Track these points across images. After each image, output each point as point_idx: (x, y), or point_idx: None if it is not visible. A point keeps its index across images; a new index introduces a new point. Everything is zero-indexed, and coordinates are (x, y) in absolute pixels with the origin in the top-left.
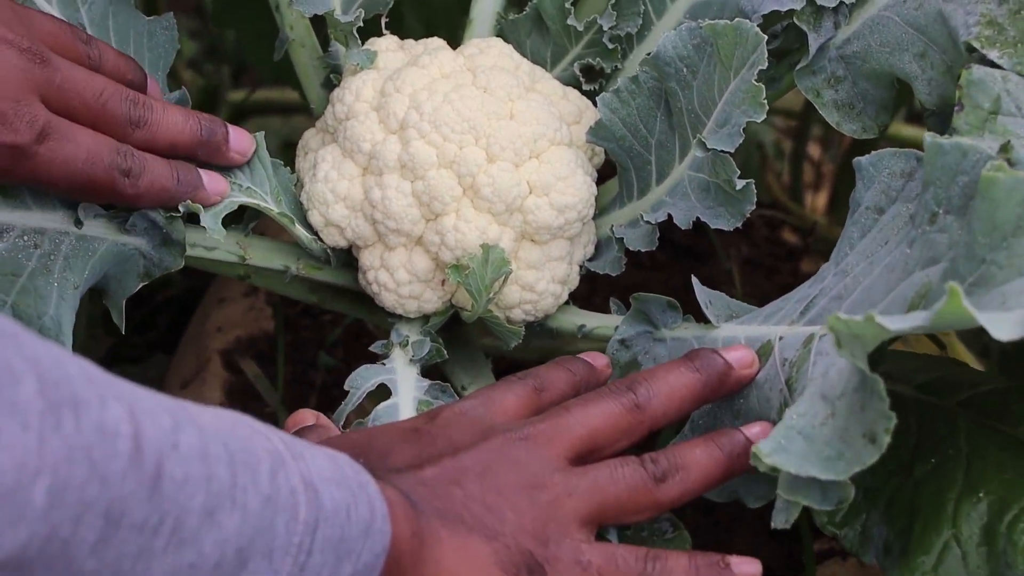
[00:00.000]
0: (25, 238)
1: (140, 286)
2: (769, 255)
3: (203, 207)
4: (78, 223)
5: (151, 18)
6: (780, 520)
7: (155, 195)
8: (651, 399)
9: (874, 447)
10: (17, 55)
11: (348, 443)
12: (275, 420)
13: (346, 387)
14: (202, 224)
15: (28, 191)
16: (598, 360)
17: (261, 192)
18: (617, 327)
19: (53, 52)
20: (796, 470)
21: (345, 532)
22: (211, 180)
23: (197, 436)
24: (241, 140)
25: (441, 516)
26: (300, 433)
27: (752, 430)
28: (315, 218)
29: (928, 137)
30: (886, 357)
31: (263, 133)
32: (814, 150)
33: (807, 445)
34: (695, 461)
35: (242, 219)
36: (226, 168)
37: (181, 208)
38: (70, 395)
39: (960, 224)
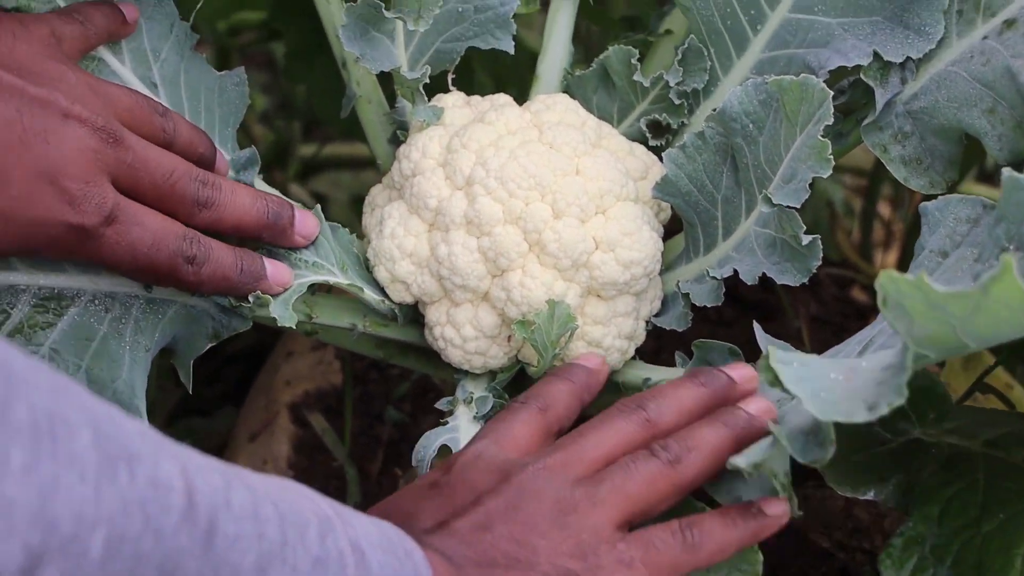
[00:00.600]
0: (96, 302)
1: (208, 347)
2: (838, 313)
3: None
4: (147, 287)
5: (222, 73)
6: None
7: (217, 284)
8: (661, 414)
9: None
10: (90, 135)
11: (377, 511)
12: (342, 474)
13: (414, 463)
14: (272, 314)
15: None
16: (593, 361)
17: (328, 265)
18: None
19: (128, 127)
20: (797, 390)
21: None
22: (275, 270)
23: (248, 496)
24: (306, 224)
25: (476, 565)
26: None
27: (751, 405)
28: (381, 274)
29: (1006, 172)
30: (951, 412)
31: (318, 206)
32: (884, 209)
33: (818, 383)
34: (704, 439)
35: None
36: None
37: (250, 298)
38: (124, 449)
39: None
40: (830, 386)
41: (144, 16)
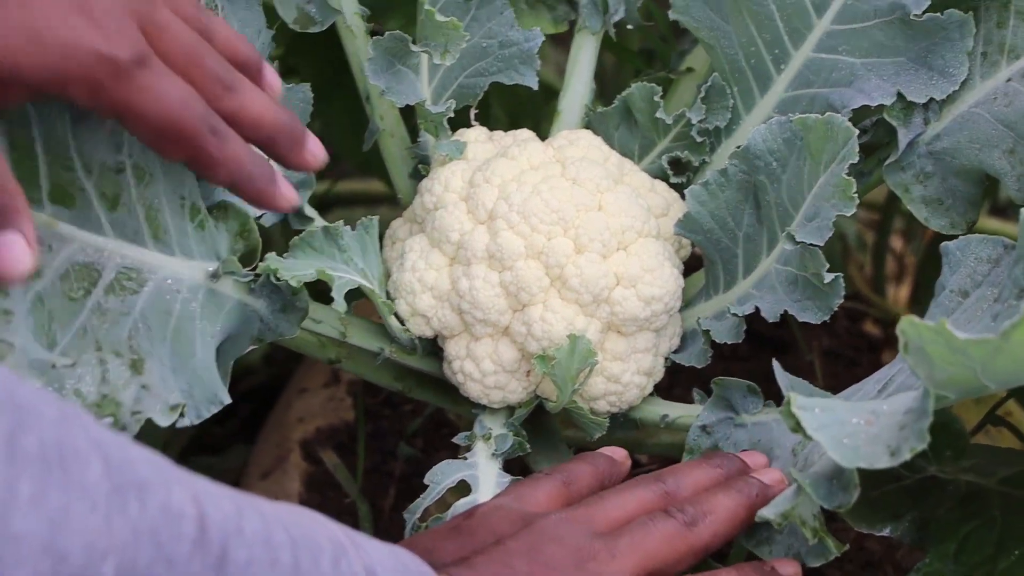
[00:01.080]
0: (169, 282)
1: (250, 348)
2: (850, 347)
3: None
4: (213, 277)
5: (289, 86)
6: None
7: (234, 167)
8: (680, 488)
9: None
10: None
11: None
12: (354, 510)
13: (426, 481)
14: (332, 295)
15: (175, 234)
16: (618, 453)
17: (371, 276)
18: (699, 414)
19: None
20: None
21: None
22: (284, 184)
23: (260, 522)
24: (317, 143)
25: None
26: None
27: (766, 476)
28: (402, 307)
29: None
30: (968, 449)
31: (377, 218)
32: (896, 242)
33: (840, 429)
34: (720, 504)
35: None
36: (302, 175)
37: (255, 212)
38: (135, 478)
39: None
40: (852, 432)
41: (237, 19)
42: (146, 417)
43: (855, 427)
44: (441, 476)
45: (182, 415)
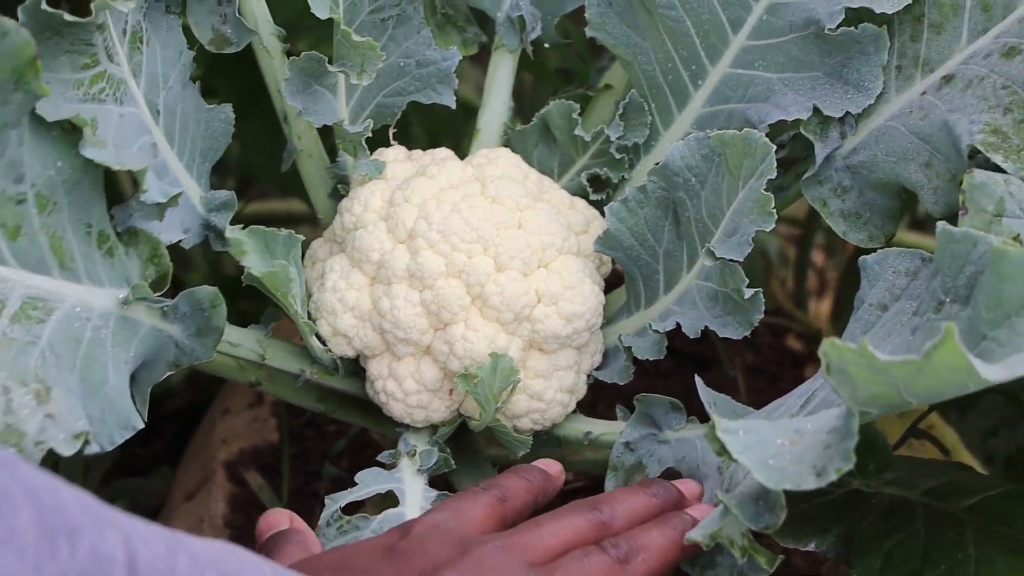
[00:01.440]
0: (78, 310)
1: (167, 375)
2: (773, 362)
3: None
4: (124, 303)
5: (211, 106)
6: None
7: None
8: (615, 517)
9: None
10: None
11: (324, 564)
12: None
13: (356, 479)
14: (248, 265)
15: (82, 261)
16: (552, 468)
17: (296, 295)
18: (622, 431)
19: None
20: (745, 460)
21: None
22: None
23: (192, 563)
24: None
25: None
26: (275, 539)
27: (697, 511)
28: (323, 328)
29: (941, 224)
30: (891, 463)
31: (302, 238)
32: (818, 257)
33: (764, 450)
34: (653, 541)
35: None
36: None
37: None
38: (65, 523)
39: (965, 313)
40: (777, 452)
41: (159, 41)
42: (49, 447)
43: (780, 448)
44: (370, 480)
45: (87, 443)
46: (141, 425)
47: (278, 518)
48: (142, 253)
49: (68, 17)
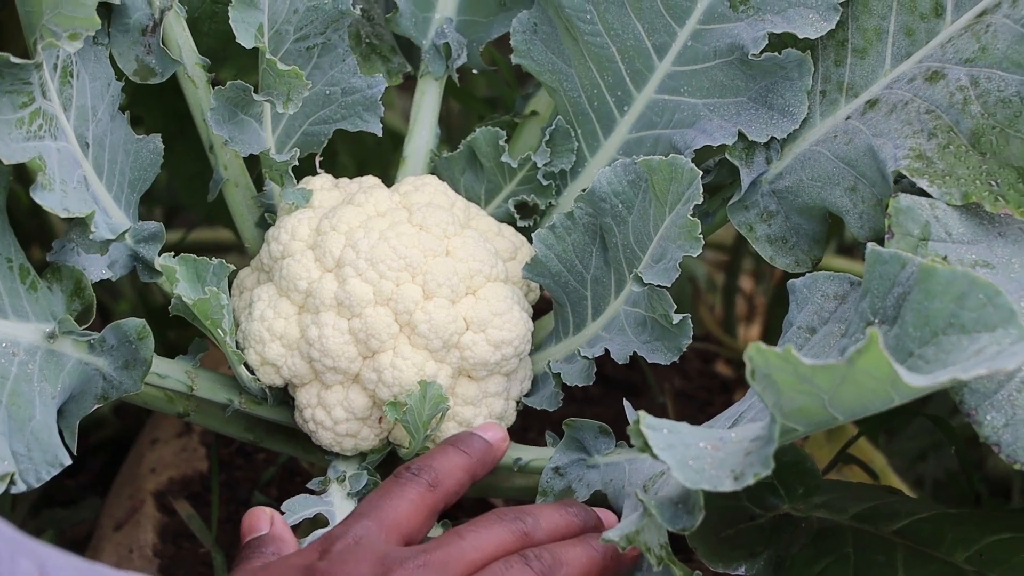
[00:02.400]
0: (4, 345)
1: (95, 408)
2: (702, 388)
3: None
4: (50, 337)
5: (140, 137)
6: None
7: None
8: (538, 529)
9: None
10: None
11: None
12: (209, 560)
13: (283, 507)
14: (179, 292)
15: (7, 296)
16: (493, 433)
17: (226, 324)
18: (552, 456)
19: None
20: (665, 457)
21: None
22: None
23: None
24: None
25: None
26: (248, 547)
27: (615, 533)
28: (251, 357)
29: (870, 245)
30: (820, 486)
31: (232, 267)
32: (746, 283)
33: (686, 451)
34: (575, 558)
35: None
36: None
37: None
38: None
39: (892, 331)
40: (698, 454)
41: (88, 73)
42: None
43: (701, 451)
44: (298, 507)
45: (12, 483)
46: (68, 461)
47: (258, 521)
48: (66, 287)
49: (14, 59)
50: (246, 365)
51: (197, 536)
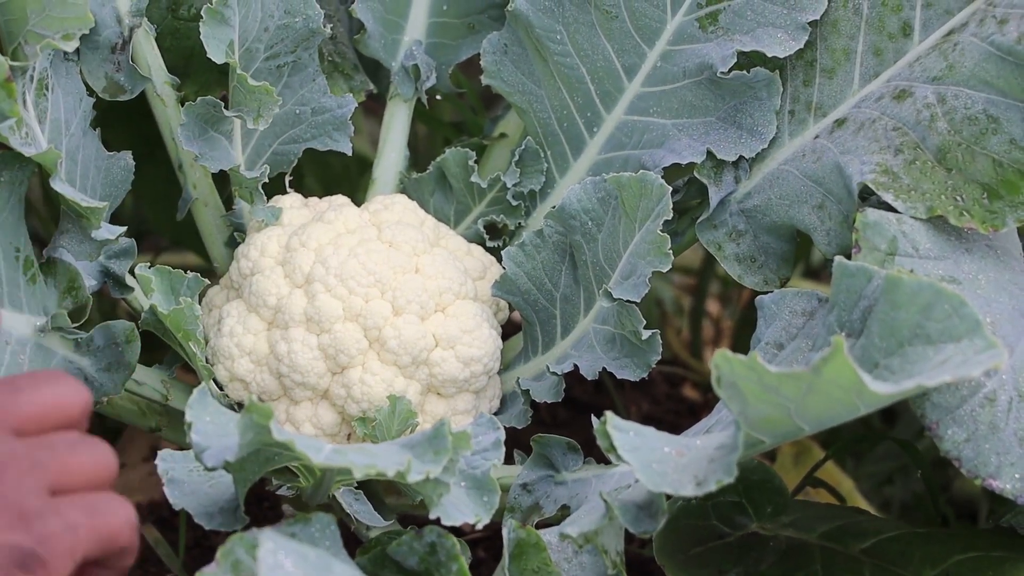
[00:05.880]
0: None
1: None
2: (670, 411)
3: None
4: (41, 331)
5: (111, 154)
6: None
7: None
8: None
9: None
10: None
11: None
12: None
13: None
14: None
15: (7, 285)
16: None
17: (199, 338)
18: (520, 473)
19: None
20: (630, 459)
21: None
22: None
23: None
24: None
25: None
26: None
27: None
28: (221, 373)
29: (838, 259)
30: (789, 505)
31: (206, 283)
32: (713, 307)
33: (651, 454)
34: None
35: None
36: None
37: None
38: None
39: (859, 343)
40: (662, 458)
41: (61, 87)
42: None
43: (666, 455)
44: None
45: None
46: None
47: None
48: (60, 283)
49: (12, 62)
50: (215, 381)
51: (164, 562)
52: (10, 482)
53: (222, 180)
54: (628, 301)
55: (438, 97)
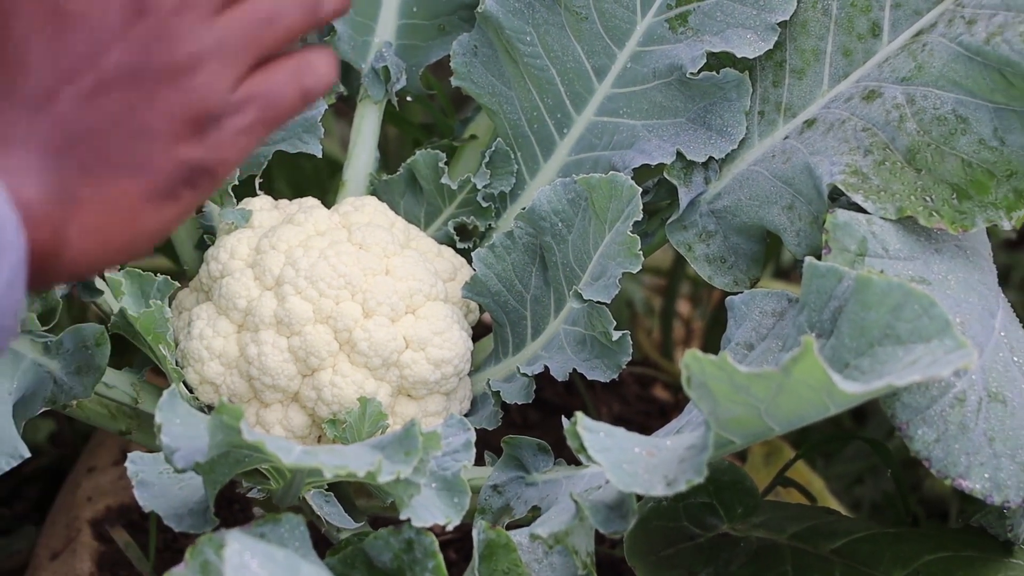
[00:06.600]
0: None
1: (42, 410)
2: (641, 412)
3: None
4: None
5: None
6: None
7: None
8: None
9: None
10: None
11: None
12: None
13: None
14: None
15: None
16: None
17: (169, 340)
18: (490, 474)
19: None
20: (600, 459)
21: None
22: None
23: None
24: None
25: (84, 171)
26: None
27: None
28: (191, 376)
29: (808, 259)
30: (759, 506)
31: (176, 285)
32: (683, 307)
33: (621, 455)
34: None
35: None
36: None
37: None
38: None
39: (829, 343)
40: (633, 459)
41: None
42: None
43: (636, 455)
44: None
45: None
46: (27, 454)
47: None
48: None
49: None
50: (186, 384)
51: (135, 565)
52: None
53: None
54: (598, 302)
55: (408, 99)
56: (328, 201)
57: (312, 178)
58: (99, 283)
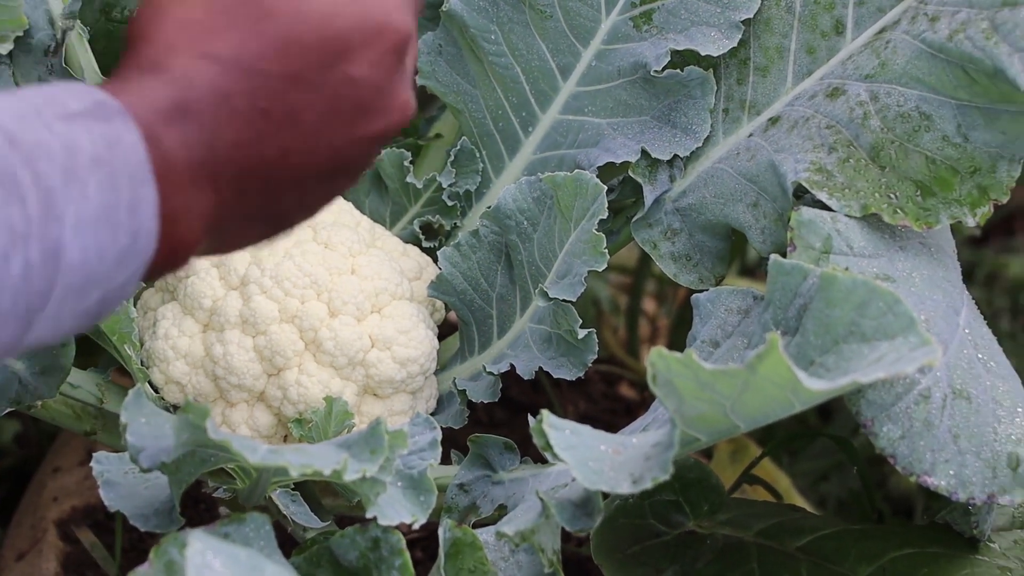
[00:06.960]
0: None
1: (7, 411)
2: (607, 410)
3: None
4: None
5: None
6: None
7: None
8: None
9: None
10: None
11: None
12: None
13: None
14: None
15: None
16: None
17: (135, 340)
18: (457, 473)
19: None
20: (566, 456)
21: (93, 270)
22: None
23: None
24: None
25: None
26: None
27: None
28: (156, 376)
29: (773, 257)
30: (725, 503)
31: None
32: (649, 305)
33: (587, 452)
34: None
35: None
36: None
37: None
38: None
39: (795, 341)
40: (599, 457)
41: None
42: None
43: (602, 453)
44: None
45: None
46: None
47: None
48: None
49: None
50: (151, 384)
51: (101, 566)
52: None
53: None
54: (564, 300)
55: None
56: None
57: None
58: None
